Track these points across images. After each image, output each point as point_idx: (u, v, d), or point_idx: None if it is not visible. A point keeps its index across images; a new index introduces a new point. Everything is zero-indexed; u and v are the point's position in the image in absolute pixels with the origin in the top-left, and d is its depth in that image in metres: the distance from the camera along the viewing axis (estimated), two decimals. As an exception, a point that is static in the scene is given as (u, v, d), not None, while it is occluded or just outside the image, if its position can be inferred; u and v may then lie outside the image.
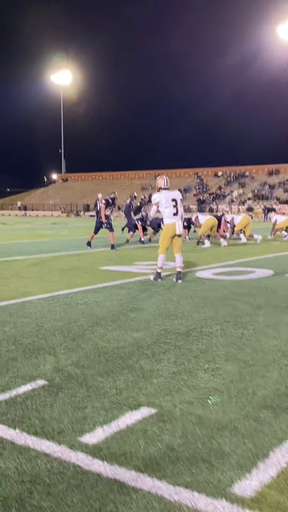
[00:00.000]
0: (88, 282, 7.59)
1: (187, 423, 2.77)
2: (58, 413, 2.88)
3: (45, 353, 4.01)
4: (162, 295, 6.58)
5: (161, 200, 7.70)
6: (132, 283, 7.59)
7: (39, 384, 3.33)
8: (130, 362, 3.80)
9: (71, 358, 3.88)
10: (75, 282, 7.59)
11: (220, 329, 4.79)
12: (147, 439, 2.58)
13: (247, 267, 9.57)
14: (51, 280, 7.84)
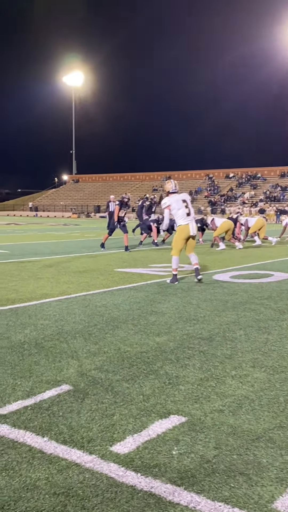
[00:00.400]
0: (105, 284, 7.53)
1: (220, 433, 2.67)
2: (86, 421, 2.80)
3: (68, 357, 3.94)
4: (180, 298, 6.49)
5: (171, 203, 7.70)
6: (149, 285, 7.51)
7: (64, 389, 3.26)
8: (155, 367, 3.72)
9: (94, 362, 3.81)
10: (92, 284, 7.53)
11: (244, 334, 4.69)
12: (180, 449, 2.49)
13: (265, 270, 9.45)
14: (68, 281, 7.79)
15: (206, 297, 6.58)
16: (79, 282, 7.77)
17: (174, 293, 6.86)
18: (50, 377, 3.49)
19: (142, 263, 10.56)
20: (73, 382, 3.40)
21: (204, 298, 6.54)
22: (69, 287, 7.27)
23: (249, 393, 3.24)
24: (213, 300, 6.37)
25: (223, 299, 6.47)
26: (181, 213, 7.64)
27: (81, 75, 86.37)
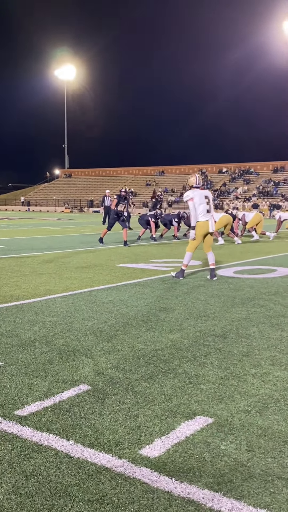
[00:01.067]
0: (109, 280, 7.43)
1: (250, 434, 2.60)
2: (110, 422, 2.71)
3: (82, 355, 3.85)
4: (188, 294, 6.42)
5: (195, 196, 7.57)
6: (153, 281, 7.43)
7: (82, 389, 3.17)
8: (173, 365, 3.64)
9: (109, 361, 3.72)
10: (96, 280, 7.44)
11: (257, 331, 4.63)
12: (211, 452, 2.41)
13: (268, 266, 9.40)
14: (70, 277, 7.69)
15: (213, 293, 6.51)
16: (82, 277, 7.66)
17: (180, 289, 6.78)
18: (66, 376, 3.40)
19: (143, 258, 10.48)
20: (90, 381, 3.31)
21: (211, 294, 6.47)
22: (72, 282, 7.17)
23: (273, 392, 3.17)
24: (221, 296, 6.31)
25: (230, 295, 6.41)
26: (202, 208, 7.53)
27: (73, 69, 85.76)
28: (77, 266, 9.04)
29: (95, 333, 4.48)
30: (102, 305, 5.67)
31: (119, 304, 5.73)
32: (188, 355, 3.89)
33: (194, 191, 7.64)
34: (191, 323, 4.90)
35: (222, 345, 4.17)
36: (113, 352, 3.94)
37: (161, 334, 4.48)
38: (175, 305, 5.76)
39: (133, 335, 4.45)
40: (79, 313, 5.26)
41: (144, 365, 3.64)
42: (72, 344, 4.15)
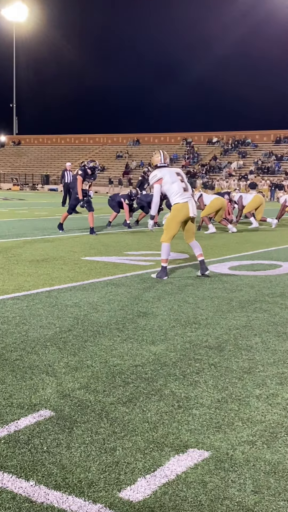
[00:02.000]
0: (72, 277, 7.41)
1: (256, 471, 2.63)
2: (80, 457, 2.71)
3: (41, 372, 3.83)
4: (172, 295, 6.45)
5: (164, 175, 7.53)
6: (129, 279, 7.44)
7: (44, 416, 3.15)
8: (157, 385, 3.65)
9: (77, 379, 3.71)
10: (55, 277, 7.40)
11: (260, 342, 4.68)
12: (209, 494, 2.42)
13: (270, 260, 9.52)
14: (23, 273, 7.63)
15: (205, 294, 6.55)
16: (39, 274, 7.61)
17: (163, 289, 6.80)
18: (23, 399, 3.37)
19: (115, 250, 10.47)
20: (54, 406, 3.29)
21: (202, 295, 6.51)
22: (26, 280, 7.12)
23: (283, 418, 3.21)
24: (214, 298, 6.35)
25: (226, 296, 6.47)
26: (176, 188, 7.48)
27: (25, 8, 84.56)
28: (31, 259, 8.97)
29: (57, 345, 4.45)
30: (65, 309, 5.64)
31: (87, 308, 5.71)
32: (176, 372, 3.90)
33: (162, 170, 7.62)
34: (178, 332, 4.92)
35: (218, 360, 4.20)
36: (81, 368, 3.92)
37: (141, 346, 4.49)
38: (157, 309, 5.77)
39: (105, 347, 4.44)
40: (36, 319, 5.22)
41: (121, 385, 3.63)
42: (28, 358, 4.11)
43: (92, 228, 13.38)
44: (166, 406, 3.33)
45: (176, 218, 7.54)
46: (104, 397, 3.43)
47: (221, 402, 3.41)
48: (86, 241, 11.89)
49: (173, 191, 7.51)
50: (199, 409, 3.30)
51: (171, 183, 7.51)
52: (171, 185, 7.51)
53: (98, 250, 10.45)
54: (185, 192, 7.52)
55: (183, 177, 7.67)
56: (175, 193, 7.49)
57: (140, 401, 3.40)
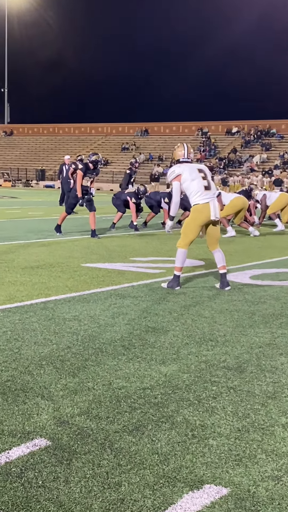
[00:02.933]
0: (71, 287, 7.43)
1: (283, 511, 2.62)
2: (81, 494, 2.71)
3: (36, 395, 3.84)
4: (187, 309, 6.46)
5: (183, 171, 7.52)
6: (136, 288, 7.46)
7: (39, 445, 3.16)
8: (168, 411, 3.66)
9: (77, 404, 3.72)
10: (52, 286, 7.43)
11: (287, 362, 4.69)
12: None
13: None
14: (15, 281, 7.66)
15: (223, 307, 6.56)
16: (33, 282, 7.65)
17: (176, 301, 6.82)
18: (15, 426, 3.39)
19: (119, 256, 10.49)
20: (50, 434, 3.30)
21: (219, 308, 6.52)
22: (18, 290, 7.15)
23: (313, 450, 3.20)
24: (233, 312, 6.36)
25: (247, 309, 6.47)
26: (196, 186, 7.44)
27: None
28: (25, 266, 9.01)
29: (54, 364, 4.47)
30: (63, 323, 5.66)
31: (88, 322, 5.73)
32: (190, 397, 3.90)
33: (182, 165, 7.63)
34: (192, 350, 4.93)
35: (238, 383, 4.21)
36: (81, 391, 3.93)
37: (149, 366, 4.49)
38: (168, 324, 5.78)
39: (109, 367, 4.45)
40: (30, 335, 5.24)
41: (127, 411, 3.64)
42: (21, 379, 4.13)
43: (94, 230, 13.42)
44: (178, 436, 3.33)
45: (195, 221, 7.51)
46: (107, 425, 3.44)
47: (242, 432, 3.41)
48: (87, 245, 11.92)
49: (192, 189, 7.48)
50: (216, 439, 3.30)
51: (191, 181, 7.49)
52: (190, 183, 7.49)
53: (101, 255, 10.48)
54: (207, 191, 7.46)
55: (206, 174, 7.63)
56: (195, 192, 7.47)
57: (148, 429, 3.40)
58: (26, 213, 21.61)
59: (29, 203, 29.88)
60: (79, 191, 12.99)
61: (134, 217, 15.57)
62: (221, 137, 69.68)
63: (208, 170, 7.83)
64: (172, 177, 7.59)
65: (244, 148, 65.89)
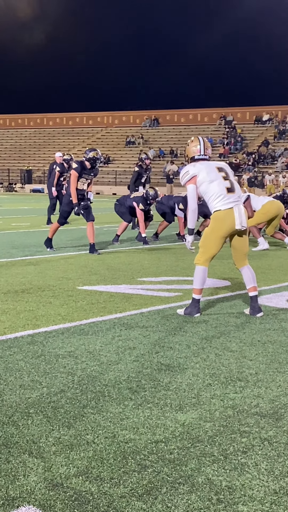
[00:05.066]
0: (65, 316, 7.45)
1: None
2: None
3: (23, 452, 3.85)
4: (208, 341, 6.47)
5: (199, 171, 7.53)
6: (145, 316, 7.47)
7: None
8: (187, 471, 3.64)
9: (73, 462, 3.72)
10: (41, 315, 7.45)
11: None
12: None
13: None
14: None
15: (254, 338, 6.56)
16: (18, 311, 7.67)
17: (195, 331, 6.82)
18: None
19: (125, 276, 10.51)
20: (40, 500, 3.29)
21: (250, 339, 6.52)
22: (1, 320, 7.16)
23: None
24: (267, 344, 6.36)
25: (284, 341, 6.49)
26: (216, 188, 7.44)
27: None
28: (8, 289, 9.04)
29: (44, 412, 4.47)
30: (55, 361, 5.67)
31: (86, 360, 5.73)
32: (214, 451, 3.89)
33: (197, 165, 7.65)
34: (216, 393, 4.92)
35: (274, 433, 4.19)
36: (78, 446, 3.93)
37: (163, 413, 4.48)
38: (186, 360, 5.78)
39: (113, 415, 4.44)
40: (15, 376, 5.25)
41: (136, 470, 3.63)
42: (3, 432, 4.13)
43: (93, 244, 13.45)
44: (200, 500, 3.31)
45: (217, 231, 7.48)
46: (111, 488, 3.42)
47: (280, 494, 3.39)
48: (85, 264, 11.95)
49: (212, 193, 7.48)
50: (247, 505, 3.28)
51: (209, 182, 7.49)
52: (209, 185, 7.49)
53: (102, 276, 10.50)
54: (230, 194, 7.45)
55: (227, 173, 7.63)
56: (215, 196, 7.46)
57: (162, 493, 3.38)
58: (8, 225, 21.71)
59: (13, 211, 30.04)
60: (74, 196, 13.02)
61: (142, 227, 15.59)
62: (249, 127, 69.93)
63: (230, 169, 7.83)
64: (186, 180, 7.60)
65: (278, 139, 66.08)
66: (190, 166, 7.66)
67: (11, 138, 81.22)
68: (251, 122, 70.51)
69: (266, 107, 71.21)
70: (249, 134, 68.69)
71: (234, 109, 72.77)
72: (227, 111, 72.50)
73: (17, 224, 22.05)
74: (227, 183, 7.52)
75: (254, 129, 69.61)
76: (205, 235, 7.64)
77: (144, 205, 15.40)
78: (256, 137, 67.81)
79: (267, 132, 67.80)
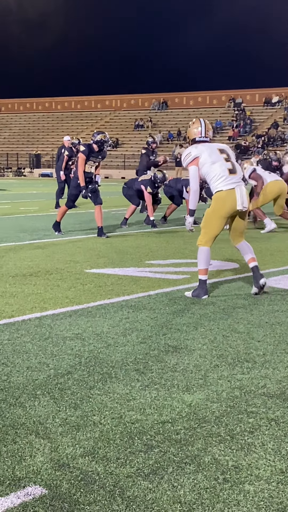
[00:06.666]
0: (73, 298, 7.46)
1: None
2: None
3: (29, 432, 3.85)
4: (215, 322, 6.45)
5: (201, 152, 7.61)
6: (153, 299, 7.46)
7: (32, 494, 3.16)
8: (193, 450, 3.64)
9: (80, 443, 3.72)
10: (49, 298, 7.46)
11: None
12: None
13: None
14: (4, 293, 7.71)
15: (261, 320, 6.55)
16: (25, 293, 7.68)
17: (202, 313, 6.81)
18: (2, 471, 3.39)
19: (133, 259, 10.51)
20: (46, 480, 3.30)
21: (257, 321, 6.51)
22: (7, 303, 7.18)
23: None
24: (275, 325, 6.35)
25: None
26: (218, 169, 7.52)
27: None
28: (16, 273, 9.05)
29: (51, 394, 4.48)
30: (62, 343, 5.68)
31: (94, 341, 5.75)
32: (221, 432, 3.89)
33: (199, 146, 7.71)
34: (223, 374, 4.92)
35: (281, 413, 4.19)
36: (85, 427, 3.93)
37: (170, 394, 4.49)
38: (193, 341, 5.79)
39: (120, 396, 4.45)
40: (22, 358, 5.27)
41: (143, 450, 3.63)
42: (10, 413, 4.14)
43: (101, 228, 13.43)
44: (206, 480, 3.31)
45: (217, 212, 7.57)
46: (117, 468, 3.43)
47: (286, 474, 3.39)
48: (93, 247, 11.95)
49: (214, 174, 7.55)
50: (254, 484, 3.28)
51: (211, 164, 7.57)
52: (211, 167, 7.57)
53: (110, 259, 10.50)
54: (232, 176, 7.54)
55: (229, 155, 7.70)
56: (217, 177, 7.52)
57: (169, 472, 3.38)
58: (17, 209, 21.71)
59: (21, 196, 30.03)
60: (82, 179, 12.98)
61: (150, 210, 15.57)
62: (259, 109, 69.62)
63: (231, 151, 7.92)
64: (188, 161, 7.69)
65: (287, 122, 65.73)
66: (192, 147, 7.73)
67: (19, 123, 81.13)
68: (261, 104, 70.17)
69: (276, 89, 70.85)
70: (258, 116, 68.41)
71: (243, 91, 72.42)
72: (236, 93, 72.16)
73: (25, 208, 22.05)
74: (229, 165, 7.61)
75: (264, 111, 69.30)
76: (207, 216, 7.69)
77: (152, 188, 15.36)
78: (266, 119, 67.52)
79: (277, 114, 67.49)
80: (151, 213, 15.53)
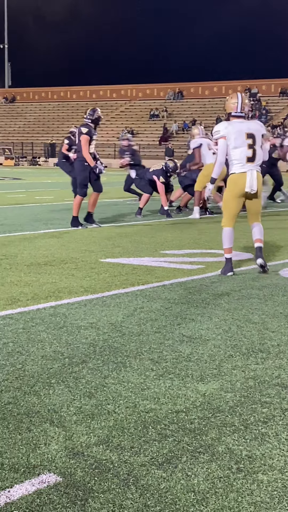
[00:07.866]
0: (87, 287, 7.47)
1: None
2: None
3: (44, 420, 3.87)
4: (230, 312, 6.44)
5: (228, 134, 7.93)
6: (167, 288, 7.47)
7: (47, 482, 3.18)
8: (207, 440, 3.65)
9: (94, 431, 3.74)
10: (64, 287, 7.47)
11: None
12: None
13: None
14: (19, 282, 7.72)
15: (276, 310, 6.54)
16: (40, 283, 7.69)
17: (217, 303, 6.80)
18: (18, 459, 3.41)
19: (148, 248, 10.51)
20: (61, 468, 3.32)
21: (272, 311, 6.50)
22: (22, 292, 7.20)
23: None
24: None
25: (307, 313, 6.44)
26: (238, 155, 7.95)
27: None
28: (31, 262, 9.07)
29: (66, 382, 4.50)
30: (77, 332, 5.69)
31: (108, 331, 5.76)
32: (235, 422, 3.90)
33: (230, 125, 8.02)
34: (238, 364, 4.93)
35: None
36: (99, 415, 3.95)
37: (184, 384, 4.50)
38: (208, 331, 5.79)
39: (134, 385, 4.47)
40: (37, 347, 5.28)
41: (156, 440, 3.64)
42: (25, 401, 4.16)
43: (91, 214, 13.32)
44: (220, 469, 3.32)
45: (231, 192, 8.09)
46: (131, 456, 3.44)
47: (301, 465, 3.39)
48: (108, 236, 11.96)
49: (233, 158, 7.99)
50: (267, 474, 3.28)
51: (233, 148, 7.97)
52: (233, 150, 7.98)
53: (124, 248, 10.50)
54: (248, 164, 7.93)
55: (255, 141, 8.02)
56: (236, 161, 7.97)
57: (182, 461, 3.39)
58: (32, 198, 21.74)
59: (36, 185, 30.06)
60: (90, 159, 12.91)
61: (163, 200, 15.56)
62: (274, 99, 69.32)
63: (261, 132, 8.19)
64: (216, 136, 8.09)
65: (303, 112, 65.36)
66: (223, 126, 8.05)
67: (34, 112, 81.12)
68: (276, 94, 69.84)
69: (291, 79, 70.39)
70: (274, 106, 68.10)
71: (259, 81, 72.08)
72: (252, 83, 71.83)
73: (40, 197, 22.07)
74: (250, 152, 7.93)
75: (279, 101, 68.98)
76: (224, 198, 8.28)
77: (164, 178, 15.35)
78: (281, 109, 67.22)
79: (292, 105, 67.09)
80: (164, 203, 15.53)
